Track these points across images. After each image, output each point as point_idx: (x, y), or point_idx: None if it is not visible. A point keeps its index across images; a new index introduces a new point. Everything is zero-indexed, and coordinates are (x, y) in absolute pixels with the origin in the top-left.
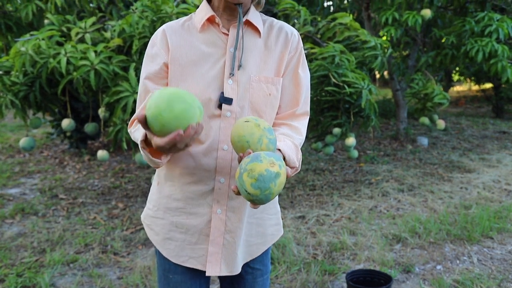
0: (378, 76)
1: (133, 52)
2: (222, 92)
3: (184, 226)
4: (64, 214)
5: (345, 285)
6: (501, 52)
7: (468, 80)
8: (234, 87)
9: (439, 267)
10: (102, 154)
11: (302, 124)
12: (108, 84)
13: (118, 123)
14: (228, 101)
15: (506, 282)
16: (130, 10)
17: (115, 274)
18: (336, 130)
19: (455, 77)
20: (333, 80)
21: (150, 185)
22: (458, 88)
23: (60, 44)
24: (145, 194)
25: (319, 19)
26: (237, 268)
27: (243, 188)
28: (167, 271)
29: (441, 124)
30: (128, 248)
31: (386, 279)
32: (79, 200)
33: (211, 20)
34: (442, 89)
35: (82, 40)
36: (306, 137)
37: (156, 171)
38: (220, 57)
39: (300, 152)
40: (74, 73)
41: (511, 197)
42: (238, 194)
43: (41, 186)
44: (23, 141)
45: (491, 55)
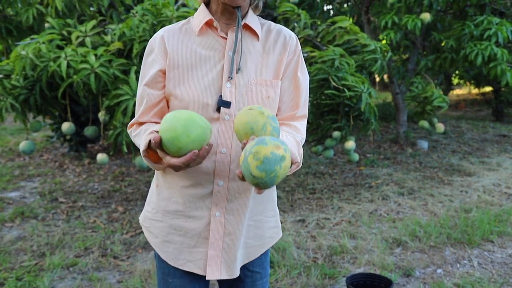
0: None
1: (133, 55)
2: (221, 96)
3: (183, 229)
4: (64, 217)
5: None
6: (500, 56)
7: (467, 83)
8: (233, 90)
9: (439, 270)
10: (102, 157)
11: (302, 125)
12: (108, 88)
13: (118, 126)
14: (227, 104)
15: (507, 285)
16: (131, 14)
17: (115, 278)
18: (336, 134)
19: (455, 80)
20: (332, 83)
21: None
22: (458, 91)
23: (60, 48)
24: (145, 198)
25: (319, 23)
26: (236, 271)
27: (248, 171)
28: (166, 274)
29: (440, 127)
30: (128, 252)
31: (387, 283)
32: (79, 204)
33: (209, 24)
34: (441, 92)
35: (83, 44)
36: (306, 140)
37: (155, 173)
38: (218, 60)
39: (302, 149)
40: (74, 76)
41: (511, 200)
42: (243, 179)
43: (41, 190)
44: (23, 144)
45: (491, 59)
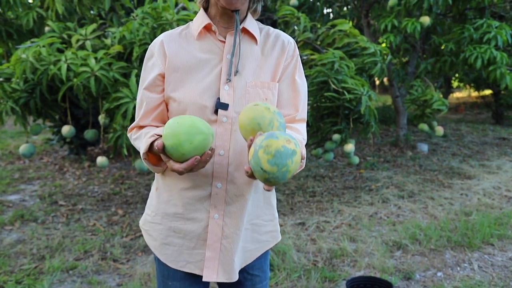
0: (377, 82)
1: (133, 58)
2: (219, 98)
3: (182, 231)
4: (64, 220)
5: None
6: (500, 59)
7: (467, 86)
8: (230, 92)
9: (439, 274)
10: (101, 160)
11: (302, 127)
12: (108, 91)
13: (118, 129)
14: (224, 106)
15: None
16: (131, 17)
17: (115, 281)
18: (336, 136)
19: (455, 83)
20: (332, 86)
21: (150, 191)
22: (457, 94)
23: (60, 51)
24: (144, 201)
25: (319, 26)
26: (234, 275)
27: (258, 166)
28: (166, 277)
29: (439, 130)
30: (127, 255)
31: (387, 286)
32: (79, 207)
33: (207, 28)
34: (441, 95)
35: (83, 47)
36: (306, 143)
37: (155, 176)
38: (216, 63)
39: (305, 149)
40: (75, 79)
41: (511, 203)
42: (251, 176)
43: (40, 193)
44: (23, 147)
45: (490, 62)
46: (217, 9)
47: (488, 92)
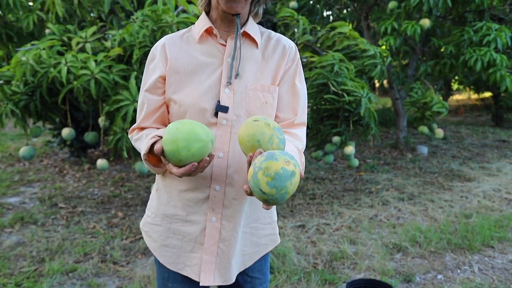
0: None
1: (133, 61)
2: (219, 101)
3: (181, 233)
4: (64, 223)
5: None
6: (499, 61)
7: (467, 89)
8: (230, 95)
9: (439, 276)
10: (101, 163)
11: (301, 132)
12: (108, 93)
13: (118, 132)
14: (224, 109)
15: None
16: (131, 20)
17: (114, 284)
18: (336, 139)
19: (455, 86)
20: (332, 88)
21: (149, 194)
22: (457, 97)
23: (60, 54)
24: (144, 203)
25: (319, 28)
26: (231, 278)
27: (257, 187)
28: (166, 279)
29: (439, 133)
30: (127, 257)
31: None
32: (79, 209)
33: (209, 31)
34: (441, 98)
35: (83, 50)
36: (306, 146)
37: (156, 178)
38: (217, 66)
39: (303, 157)
40: (75, 82)
41: (511, 206)
42: (250, 194)
43: (40, 195)
44: (23, 150)
45: (490, 64)
46: (218, 12)
47: (488, 94)
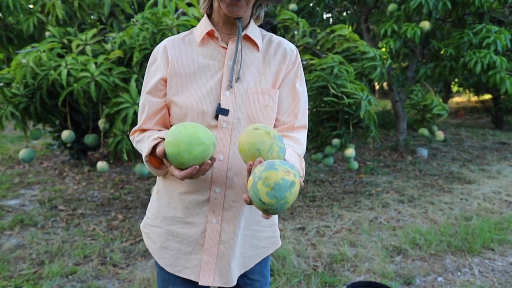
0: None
1: (133, 63)
2: (219, 103)
3: (180, 235)
4: (63, 225)
5: None
6: (499, 64)
7: (467, 91)
8: (231, 98)
9: (440, 279)
10: (101, 165)
11: (302, 135)
12: (108, 96)
13: (118, 134)
14: (225, 112)
15: None
16: (131, 22)
17: (114, 286)
18: (336, 141)
19: (454, 88)
20: (332, 91)
21: (149, 196)
22: (457, 99)
23: (61, 56)
24: (144, 206)
25: (318, 31)
26: (232, 280)
27: (257, 197)
28: (166, 281)
29: (440, 135)
30: (127, 260)
31: None
32: (79, 212)
33: (210, 34)
34: (441, 100)
35: (83, 52)
36: (306, 148)
37: (156, 180)
38: (218, 69)
39: (304, 162)
40: (75, 84)
41: (511, 208)
42: (250, 203)
43: (40, 198)
44: (23, 152)
45: (490, 67)
46: (219, 16)
47: (487, 96)
